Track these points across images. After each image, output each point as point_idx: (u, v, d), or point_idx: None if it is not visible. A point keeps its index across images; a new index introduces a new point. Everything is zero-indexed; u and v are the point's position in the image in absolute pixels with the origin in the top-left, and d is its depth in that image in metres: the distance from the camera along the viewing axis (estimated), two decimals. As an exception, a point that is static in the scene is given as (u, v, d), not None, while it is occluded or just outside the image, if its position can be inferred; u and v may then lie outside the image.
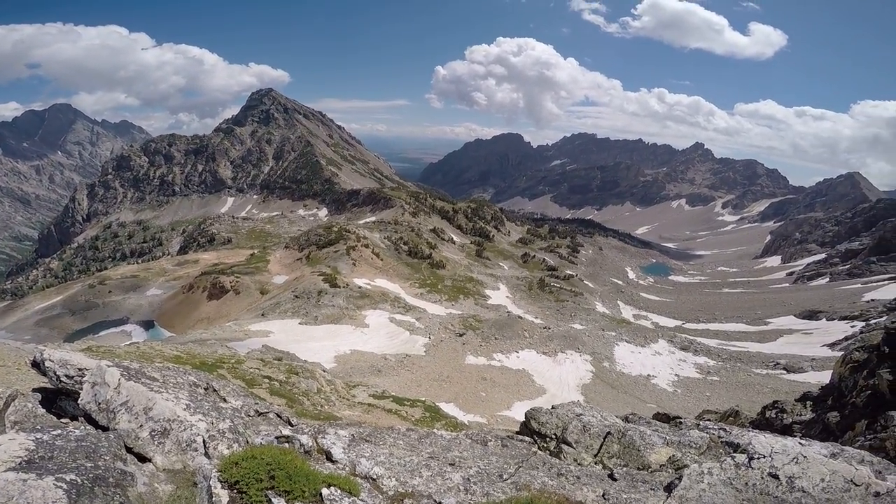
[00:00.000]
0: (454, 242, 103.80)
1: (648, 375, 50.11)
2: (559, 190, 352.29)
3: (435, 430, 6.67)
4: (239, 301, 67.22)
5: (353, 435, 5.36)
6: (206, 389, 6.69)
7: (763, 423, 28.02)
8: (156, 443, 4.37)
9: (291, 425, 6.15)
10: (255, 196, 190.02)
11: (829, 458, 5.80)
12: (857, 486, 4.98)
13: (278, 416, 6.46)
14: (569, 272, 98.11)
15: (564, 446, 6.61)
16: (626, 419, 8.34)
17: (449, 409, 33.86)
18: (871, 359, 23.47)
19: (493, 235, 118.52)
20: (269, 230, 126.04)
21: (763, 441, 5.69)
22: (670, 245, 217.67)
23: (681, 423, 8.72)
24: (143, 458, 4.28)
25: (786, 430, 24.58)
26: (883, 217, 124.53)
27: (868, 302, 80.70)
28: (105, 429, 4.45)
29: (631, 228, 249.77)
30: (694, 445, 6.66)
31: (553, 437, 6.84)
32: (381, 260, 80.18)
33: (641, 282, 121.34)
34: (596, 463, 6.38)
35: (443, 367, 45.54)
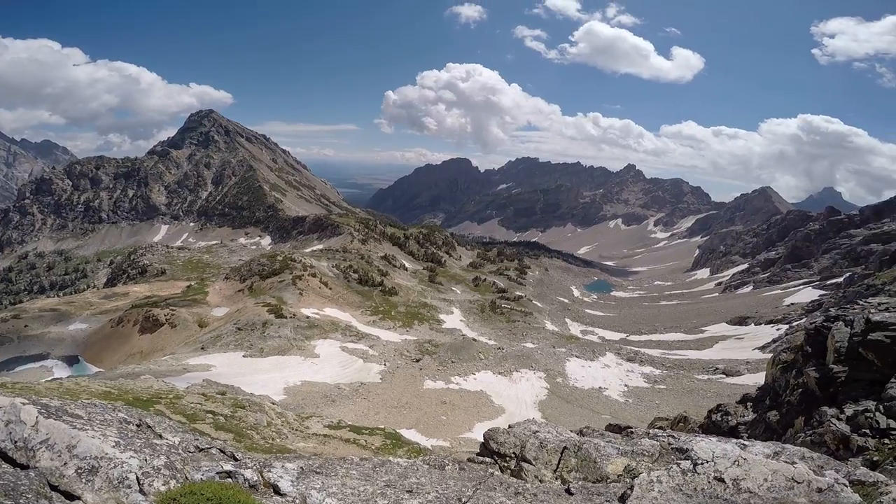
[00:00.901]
0: (406, 269, 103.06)
1: (600, 388, 51.43)
2: (506, 213, 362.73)
3: (391, 458, 6.54)
4: (175, 334, 62.48)
5: (302, 467, 5.19)
6: (138, 426, 6.41)
7: (711, 426, 29.21)
8: (83, 480, 4.13)
9: (235, 460, 5.89)
10: (191, 224, 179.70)
11: (770, 458, 6.06)
12: (798, 483, 5.16)
13: (221, 451, 6.13)
14: (518, 293, 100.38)
15: (524, 464, 6.65)
16: (580, 433, 8.49)
17: (410, 435, 32.77)
18: (798, 359, 25.29)
19: (445, 260, 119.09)
20: (207, 260, 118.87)
21: (704, 446, 5.84)
22: (610, 263, 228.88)
23: (632, 432, 8.96)
24: (70, 496, 4.06)
25: (732, 432, 25.70)
26: (793, 227, 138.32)
27: (788, 306, 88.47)
28: (25, 467, 4.20)
29: (573, 249, 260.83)
30: (647, 454, 6.80)
31: (512, 455, 6.87)
32: (330, 289, 77.88)
33: (586, 299, 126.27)
34: (556, 478, 6.43)
35: (400, 393, 44.33)
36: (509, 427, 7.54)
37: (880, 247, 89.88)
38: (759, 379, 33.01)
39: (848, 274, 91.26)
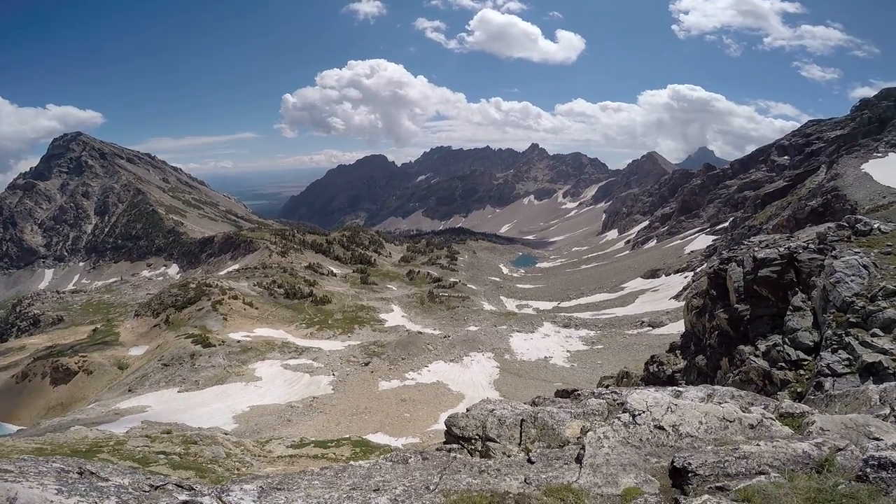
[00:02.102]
0: (335, 275, 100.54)
1: (545, 357, 54.95)
2: (428, 204, 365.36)
3: (352, 462, 6.53)
4: (94, 381, 56.59)
5: (261, 486, 5.04)
6: (80, 473, 5.86)
7: (650, 377, 32.49)
8: (31, 526, 3.90)
9: (192, 490, 5.72)
10: (81, 263, 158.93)
11: (704, 402, 6.63)
12: (731, 422, 5.46)
13: (178, 485, 5.88)
14: (453, 279, 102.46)
15: (490, 443, 6.75)
16: (533, 403, 8.70)
17: (378, 438, 32.89)
18: (707, 303, 29.02)
19: (375, 260, 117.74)
20: (109, 300, 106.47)
21: (637, 398, 6.09)
22: (530, 237, 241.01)
23: (579, 395, 9.24)
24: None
25: (670, 380, 28.93)
26: (680, 184, 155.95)
27: (689, 254, 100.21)
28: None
29: (495, 228, 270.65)
30: (597, 413, 7.05)
31: (477, 437, 6.95)
32: (257, 308, 74.11)
33: (515, 274, 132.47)
34: (521, 451, 6.58)
35: (357, 399, 43.94)
36: (467, 411, 7.61)
37: (752, 193, 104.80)
38: (680, 327, 37.13)
39: (731, 218, 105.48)
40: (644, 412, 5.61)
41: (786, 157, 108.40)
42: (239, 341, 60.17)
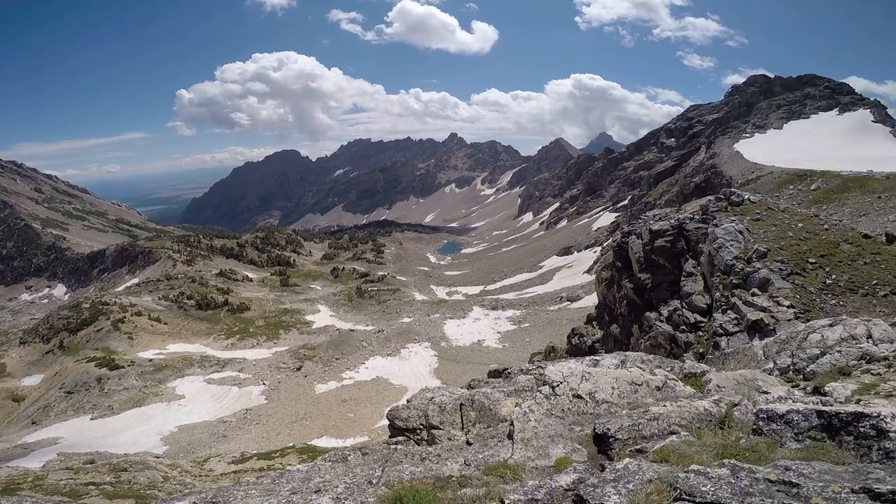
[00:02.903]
0: (251, 279, 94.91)
1: (479, 341, 56.76)
2: (349, 198, 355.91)
3: (289, 467, 6.44)
4: None
5: (194, 502, 4.89)
6: None
7: (573, 349, 34.82)
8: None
9: None
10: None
11: (618, 368, 6.96)
12: (639, 385, 5.72)
13: None
14: (381, 273, 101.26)
15: (434, 431, 6.79)
16: (469, 387, 8.77)
17: (324, 443, 32.11)
18: (614, 274, 31.79)
19: (295, 260, 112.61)
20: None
21: (553, 370, 6.23)
22: (454, 224, 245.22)
23: (509, 373, 9.43)
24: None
25: (591, 350, 31.24)
26: (584, 167, 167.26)
27: (596, 230, 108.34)
28: None
29: (420, 218, 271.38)
30: (526, 389, 7.19)
31: (421, 426, 6.96)
32: (166, 324, 67.89)
33: (442, 262, 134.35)
34: (465, 434, 6.64)
35: (294, 406, 42.43)
36: (408, 402, 7.60)
37: (646, 172, 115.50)
38: (595, 299, 40.17)
39: (630, 196, 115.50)
40: (562, 383, 5.75)
41: (672, 140, 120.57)
42: (151, 360, 55.28)
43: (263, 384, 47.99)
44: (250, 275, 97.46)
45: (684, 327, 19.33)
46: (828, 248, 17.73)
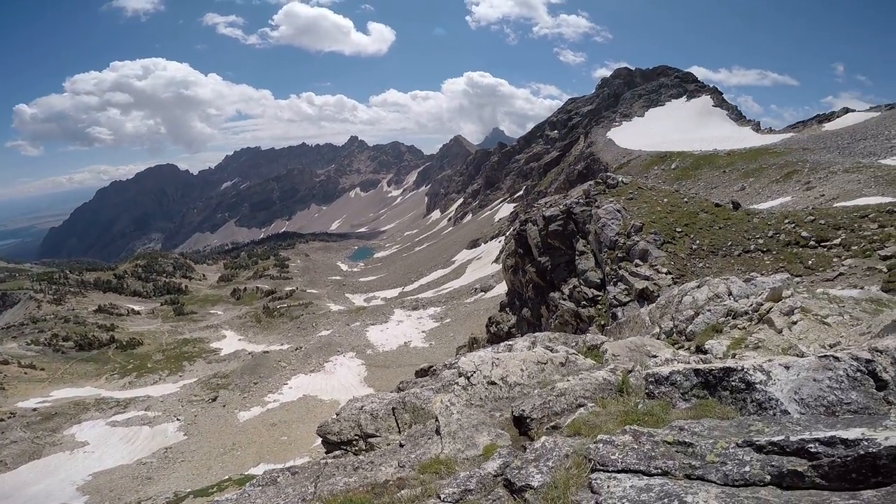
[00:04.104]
0: (139, 312, 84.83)
1: (405, 343, 56.89)
2: (241, 212, 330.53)
3: (216, 498, 6.02)
4: None
5: None
6: None
7: (493, 337, 36.26)
8: None
9: None
10: None
11: (528, 349, 7.13)
12: (544, 364, 5.90)
13: None
14: (289, 288, 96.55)
15: (371, 439, 6.68)
16: (399, 389, 8.73)
17: (262, 470, 29.91)
18: (518, 261, 33.87)
19: (187, 286, 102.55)
20: None
21: (466, 360, 6.29)
22: (363, 229, 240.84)
23: (435, 370, 9.45)
24: None
25: (509, 335, 32.81)
26: (482, 162, 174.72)
27: (499, 221, 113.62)
28: None
29: (325, 227, 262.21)
30: (452, 383, 6.88)
31: (356, 437, 6.82)
32: (42, 369, 59.09)
33: (355, 269, 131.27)
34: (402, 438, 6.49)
35: (220, 437, 39.72)
36: (337, 415, 7.41)
37: (536, 163, 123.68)
38: (505, 287, 42.32)
39: (524, 187, 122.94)
40: (475, 372, 5.78)
41: (556, 132, 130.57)
42: (35, 409, 49.24)
43: (178, 420, 44.88)
44: (136, 307, 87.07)
45: (585, 302, 21.18)
46: (689, 217, 20.62)
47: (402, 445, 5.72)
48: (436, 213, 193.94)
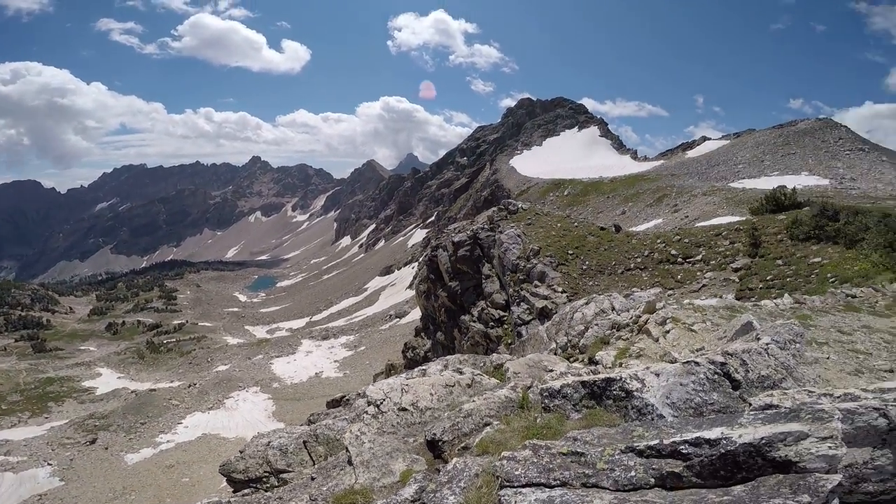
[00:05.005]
0: (-13, 353, 70.56)
1: (317, 374, 54.22)
2: (119, 237, 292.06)
3: None
4: None
5: None
6: None
7: (410, 363, 35.92)
8: None
9: None
10: None
11: (440, 373, 7.27)
12: (452, 386, 6.05)
13: None
14: (177, 321, 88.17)
15: (283, 475, 6.47)
16: (309, 422, 8.53)
17: None
18: (430, 286, 34.48)
19: (49, 320, 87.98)
20: None
21: (374, 389, 6.37)
22: (264, 257, 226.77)
23: (348, 399, 9.38)
24: None
25: (426, 359, 32.77)
26: (395, 188, 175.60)
27: (412, 247, 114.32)
28: None
29: (220, 254, 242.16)
30: (365, 412, 6.94)
31: (266, 474, 6.57)
32: None
33: (255, 300, 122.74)
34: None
35: (106, 482, 34.96)
36: (241, 452, 7.09)
37: (447, 189, 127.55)
38: (419, 312, 42.51)
39: (436, 212, 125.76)
40: (385, 400, 5.79)
41: (465, 158, 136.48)
42: None
43: (49, 464, 39.04)
44: (-13, 348, 72.43)
45: (492, 323, 22.03)
46: (579, 241, 22.64)
47: (313, 479, 5.55)
48: (346, 240, 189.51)
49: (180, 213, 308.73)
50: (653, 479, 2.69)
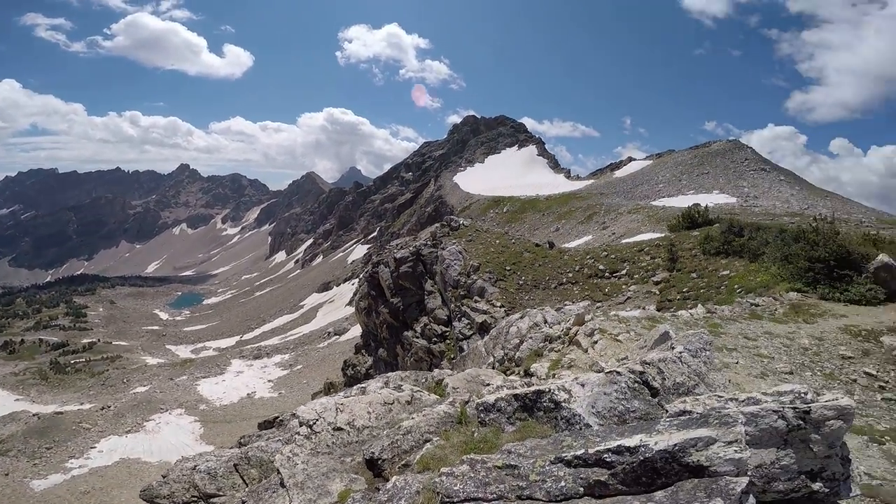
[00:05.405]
0: None
1: (249, 394, 51.36)
2: (20, 248, 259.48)
3: None
4: None
5: None
6: None
7: (350, 380, 34.94)
8: None
9: None
10: None
11: (381, 390, 7.14)
12: (391, 404, 6.04)
13: None
14: (87, 340, 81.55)
15: (213, 500, 6.18)
16: (240, 444, 8.28)
17: None
18: (371, 302, 34.04)
19: (-77, 343, 76.16)
20: None
21: (305, 409, 6.21)
22: (189, 273, 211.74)
23: (282, 420, 8.91)
24: None
25: (368, 376, 32.01)
26: (336, 201, 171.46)
27: (352, 263, 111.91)
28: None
29: (139, 269, 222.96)
30: (299, 434, 6.69)
31: (193, 499, 6.26)
32: None
33: (178, 318, 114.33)
34: None
35: None
36: (164, 477, 6.79)
37: (391, 205, 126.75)
38: (360, 329, 41.66)
39: (378, 228, 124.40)
40: (318, 420, 5.65)
41: (410, 174, 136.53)
42: None
43: None
44: None
45: (435, 339, 22.08)
46: (516, 257, 23.47)
47: (244, 502, 5.31)
48: (281, 255, 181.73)
49: (94, 223, 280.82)
50: (581, 489, 2.75)
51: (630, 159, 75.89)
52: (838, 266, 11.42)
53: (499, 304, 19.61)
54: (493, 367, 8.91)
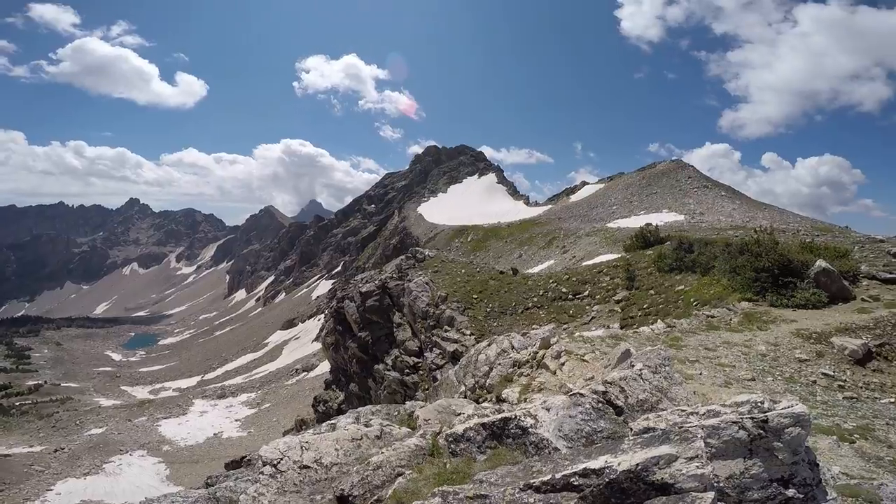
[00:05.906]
0: None
1: (216, 434, 49.92)
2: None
3: None
4: None
5: None
6: None
7: (322, 416, 33.58)
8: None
9: None
10: None
11: (353, 424, 6.91)
12: (359, 440, 5.86)
13: None
14: (32, 382, 76.87)
15: None
16: (207, 485, 8.06)
17: None
18: (338, 338, 33.31)
19: None
20: None
21: (268, 448, 5.99)
22: (142, 313, 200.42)
23: (249, 460, 9.07)
24: None
25: (340, 412, 30.81)
26: (297, 236, 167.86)
27: (316, 299, 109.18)
28: None
29: (87, 310, 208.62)
30: (264, 473, 6.94)
31: None
32: None
33: (133, 358, 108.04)
34: None
35: None
36: None
37: (354, 238, 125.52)
38: (328, 364, 40.53)
39: (342, 262, 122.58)
40: (282, 459, 5.52)
41: (373, 206, 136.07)
42: None
43: None
44: None
45: (407, 370, 21.79)
46: (482, 285, 23.75)
47: None
48: (240, 294, 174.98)
49: (35, 262, 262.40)
50: (552, 514, 2.71)
51: (584, 183, 78.49)
52: (782, 274, 12.22)
53: (468, 332, 19.67)
54: (466, 396, 8.88)
